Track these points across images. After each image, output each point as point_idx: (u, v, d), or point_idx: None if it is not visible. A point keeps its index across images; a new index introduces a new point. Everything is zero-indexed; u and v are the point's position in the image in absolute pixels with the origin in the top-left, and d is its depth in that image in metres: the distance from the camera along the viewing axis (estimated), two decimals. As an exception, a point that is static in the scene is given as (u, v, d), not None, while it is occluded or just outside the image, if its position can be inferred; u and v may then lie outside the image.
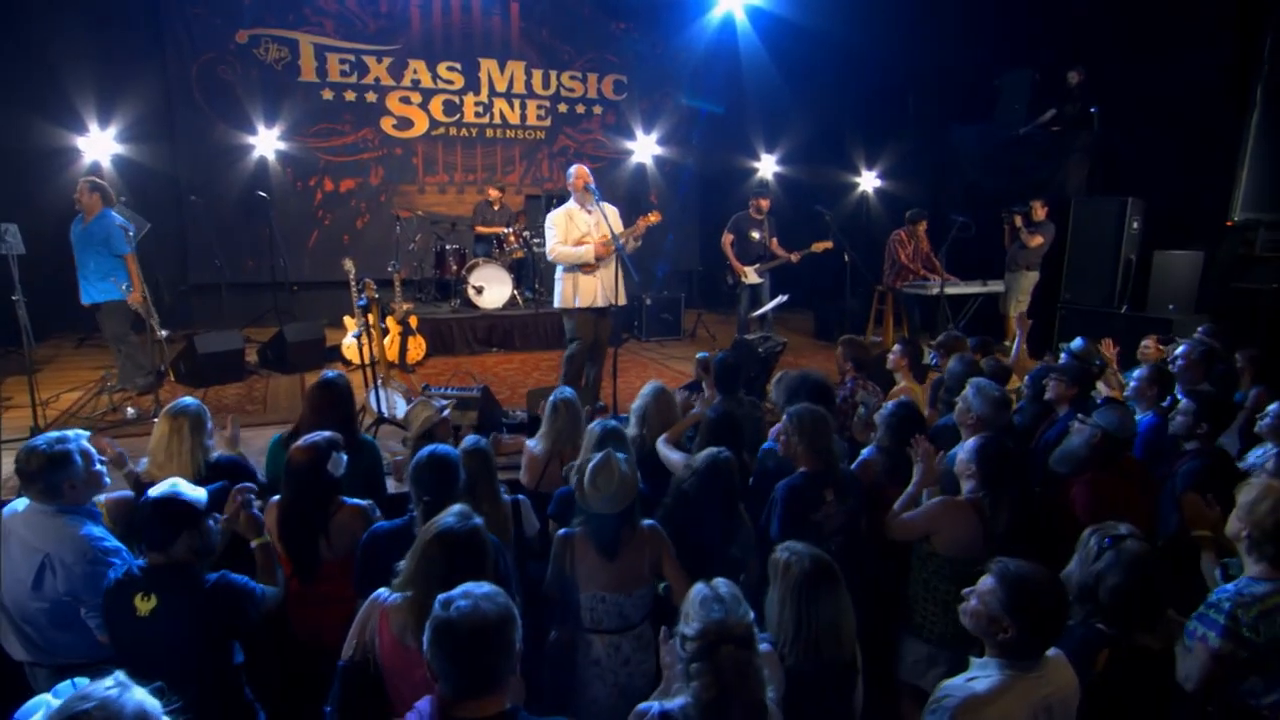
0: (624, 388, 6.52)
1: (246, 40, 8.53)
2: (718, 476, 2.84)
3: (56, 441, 2.55)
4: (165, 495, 2.24)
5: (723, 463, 2.84)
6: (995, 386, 3.33)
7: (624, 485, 2.64)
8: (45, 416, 5.16)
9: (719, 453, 2.88)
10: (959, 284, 7.50)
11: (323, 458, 2.83)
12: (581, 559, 2.68)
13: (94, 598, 2.39)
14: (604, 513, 2.64)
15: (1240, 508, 2.33)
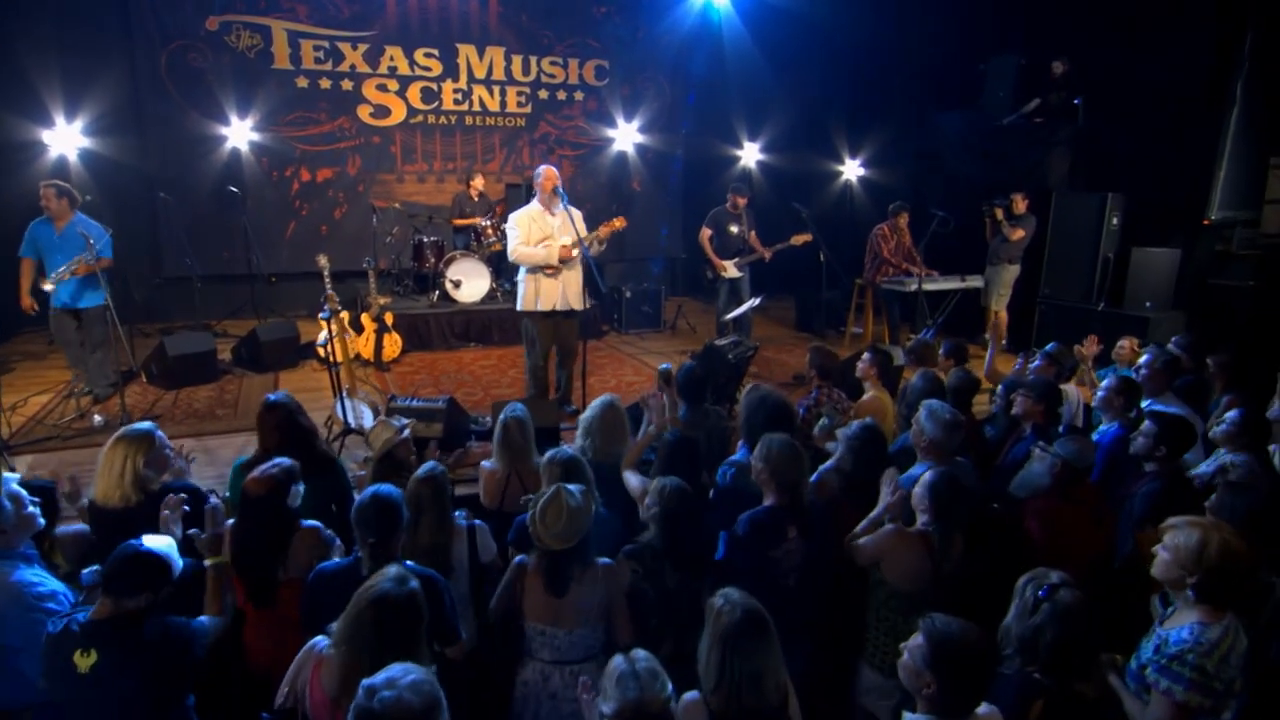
0: (599, 385, 6.54)
1: (217, 27, 8.34)
2: (677, 522, 2.82)
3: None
4: (132, 554, 2.20)
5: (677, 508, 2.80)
6: (947, 409, 3.32)
7: (573, 521, 2.62)
8: (10, 424, 5.13)
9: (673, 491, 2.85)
10: (938, 280, 7.48)
11: (281, 490, 2.82)
12: (530, 589, 2.68)
13: (29, 646, 2.36)
14: (554, 549, 2.64)
15: (1181, 552, 2.31)
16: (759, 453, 3.00)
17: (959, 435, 3.30)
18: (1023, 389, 3.96)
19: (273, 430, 3.29)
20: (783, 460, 2.90)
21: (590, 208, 10.39)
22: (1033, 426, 3.77)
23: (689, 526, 2.86)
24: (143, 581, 2.20)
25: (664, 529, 2.83)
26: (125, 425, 4.93)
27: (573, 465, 3.01)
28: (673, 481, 2.91)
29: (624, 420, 3.78)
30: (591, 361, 7.22)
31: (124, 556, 2.20)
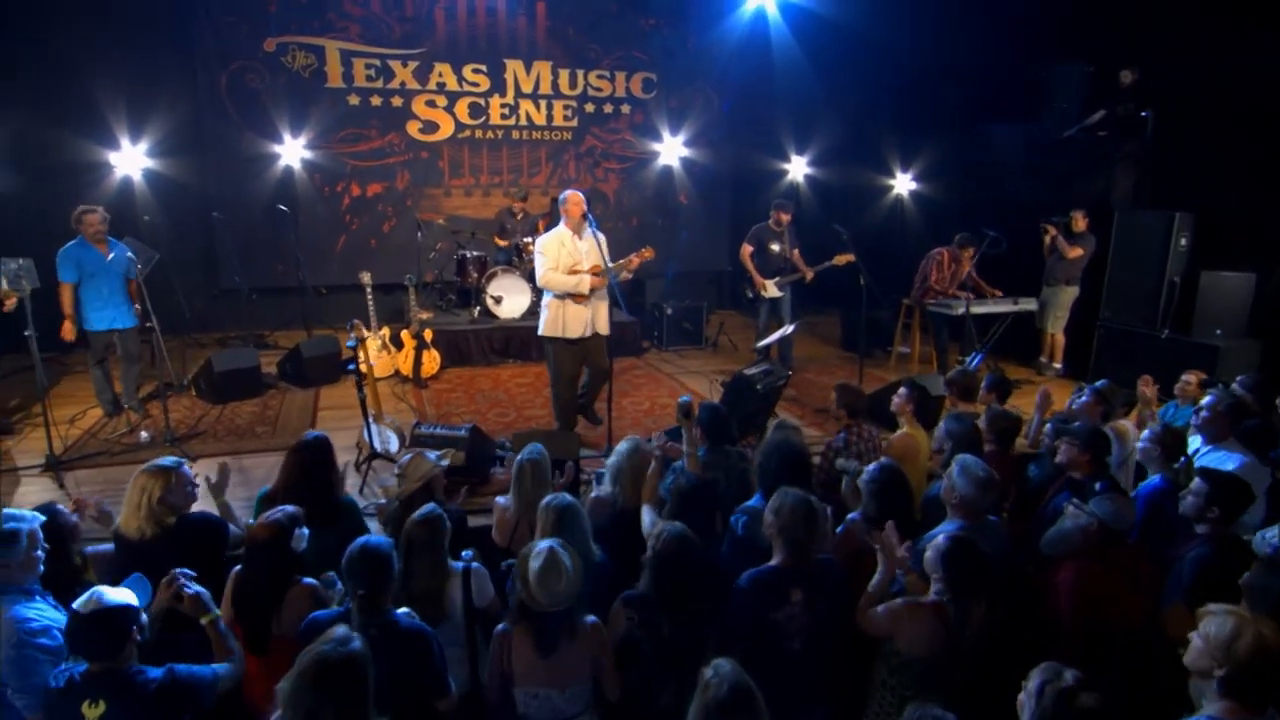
0: (631, 408, 6.50)
1: (274, 48, 8.60)
2: (671, 570, 2.74)
3: (9, 519, 2.60)
4: (93, 612, 2.22)
5: (673, 556, 2.72)
6: (982, 466, 3.14)
7: (570, 585, 2.58)
8: (65, 437, 5.37)
9: (668, 539, 2.77)
10: (986, 302, 7.18)
11: (285, 536, 2.85)
12: (518, 655, 2.63)
13: (17, 679, 2.42)
14: (546, 611, 2.59)
15: (1212, 641, 2.13)
16: (770, 505, 2.89)
17: (992, 494, 3.12)
18: (1068, 436, 3.73)
19: (296, 468, 3.33)
20: (793, 518, 2.78)
21: (636, 222, 10.52)
22: (1069, 482, 3.54)
23: (686, 575, 2.77)
24: (105, 640, 2.23)
25: (655, 577, 2.77)
26: (168, 439, 5.17)
27: (568, 514, 2.96)
28: (673, 528, 2.84)
29: (649, 463, 3.71)
30: (628, 381, 7.24)
31: (79, 620, 2.22)
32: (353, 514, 3.44)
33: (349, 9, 8.80)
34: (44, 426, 4.82)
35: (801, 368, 7.78)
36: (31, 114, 7.17)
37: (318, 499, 3.23)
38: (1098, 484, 3.19)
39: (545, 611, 2.57)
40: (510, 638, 2.64)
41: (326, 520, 3.23)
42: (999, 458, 4.06)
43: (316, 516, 3.20)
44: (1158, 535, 3.49)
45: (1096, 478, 3.52)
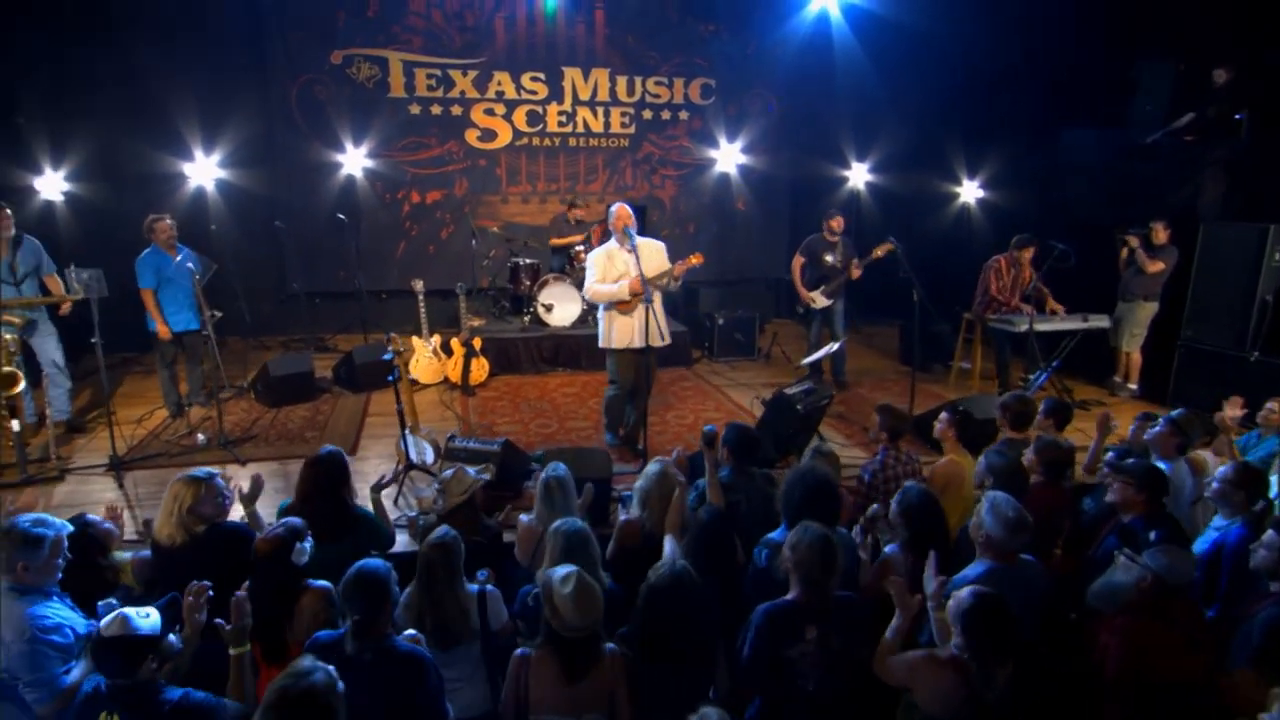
0: (675, 422, 6.41)
1: (340, 60, 8.86)
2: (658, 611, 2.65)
3: (38, 524, 2.71)
4: (116, 636, 2.27)
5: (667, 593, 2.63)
6: (1013, 505, 2.93)
7: (600, 610, 2.58)
8: (130, 438, 5.64)
9: (668, 575, 2.68)
10: (1052, 320, 6.78)
11: (285, 550, 2.89)
12: (538, 681, 2.59)
13: (27, 673, 2.51)
14: (574, 637, 2.55)
15: None
16: (789, 539, 2.78)
17: (1023, 537, 2.91)
18: (1123, 474, 3.45)
19: (310, 483, 3.39)
20: (810, 555, 2.66)
21: (693, 229, 10.40)
22: (1118, 530, 3.26)
23: (677, 617, 2.68)
24: (121, 661, 2.27)
25: (643, 616, 2.69)
26: (222, 442, 5.36)
27: (577, 540, 2.91)
28: (674, 567, 2.75)
29: (679, 485, 3.63)
30: (674, 394, 7.15)
31: (103, 642, 2.28)
32: (367, 528, 3.46)
33: (412, 21, 9.00)
34: (108, 428, 5.06)
35: (855, 382, 7.54)
36: (113, 127, 7.60)
37: (331, 513, 3.28)
38: (1153, 532, 2.92)
39: (574, 638, 2.53)
40: (530, 663, 2.61)
41: (340, 534, 3.26)
42: (1049, 490, 3.82)
43: (330, 530, 3.24)
44: (1233, 589, 3.19)
45: (1152, 521, 3.24)
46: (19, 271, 5.52)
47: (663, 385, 7.41)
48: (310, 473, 3.40)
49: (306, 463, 3.47)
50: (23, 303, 5.51)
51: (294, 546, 2.91)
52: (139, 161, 7.75)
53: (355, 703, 2.51)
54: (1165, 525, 3.25)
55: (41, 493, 4.77)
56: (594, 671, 2.56)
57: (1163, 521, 3.30)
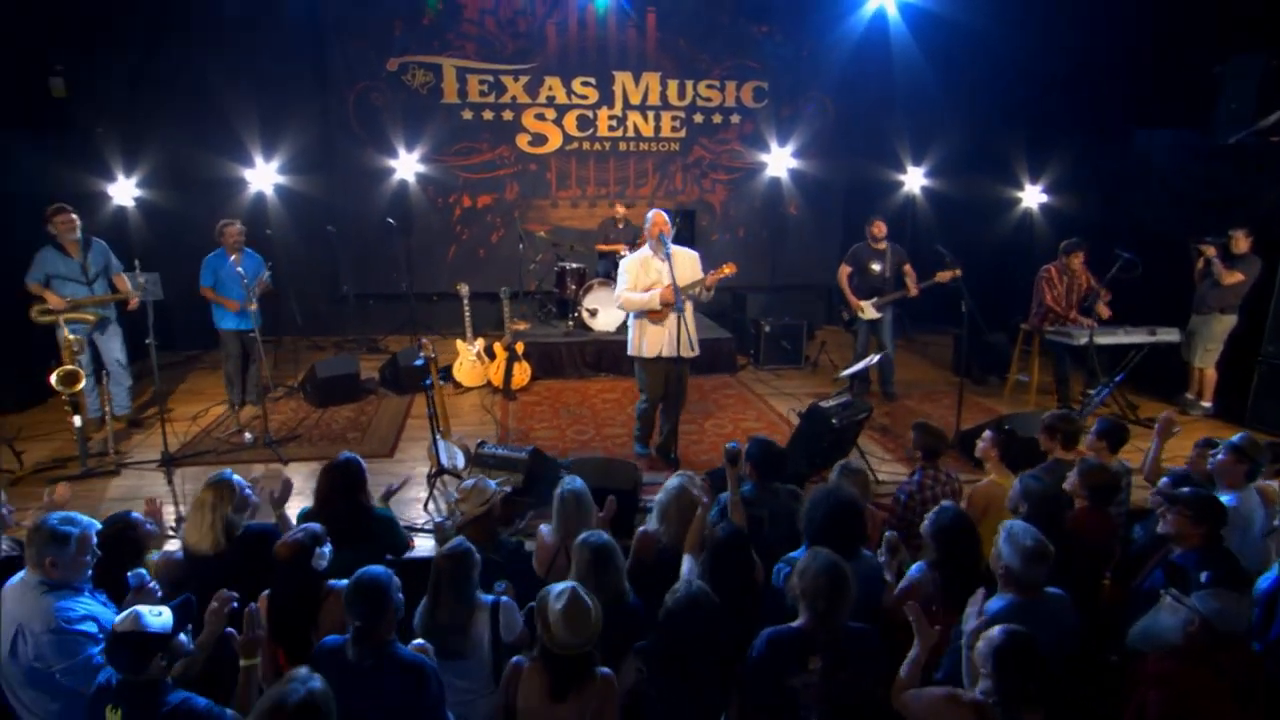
0: (714, 431, 6.31)
1: (396, 68, 9.07)
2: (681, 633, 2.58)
3: (66, 521, 2.80)
4: (127, 631, 2.33)
5: (685, 614, 2.56)
6: (1031, 534, 2.75)
7: (592, 629, 2.52)
8: (185, 434, 5.88)
9: (686, 596, 2.61)
10: (1116, 332, 6.40)
11: (306, 555, 2.93)
12: (526, 693, 2.57)
13: (61, 660, 2.60)
14: (564, 654, 2.51)
15: None
16: (799, 565, 2.68)
17: (1042, 569, 2.72)
18: (1179, 504, 3.20)
19: (327, 488, 3.43)
20: (816, 583, 2.56)
21: (744, 233, 10.27)
22: (1165, 565, 3.03)
23: (695, 638, 2.61)
24: (130, 657, 2.32)
25: (662, 634, 2.62)
26: (267, 442, 5.52)
27: (603, 554, 2.87)
28: (691, 589, 2.67)
29: (696, 503, 3.56)
30: (715, 401, 7.05)
31: (114, 637, 2.33)
32: (387, 531, 3.48)
33: (466, 28, 9.14)
34: (160, 426, 5.28)
35: (904, 393, 7.29)
36: (181, 136, 7.96)
37: (348, 517, 3.32)
38: (1204, 573, 2.69)
39: (563, 655, 2.50)
40: (522, 673, 2.59)
41: (358, 537, 3.30)
42: (1094, 517, 3.59)
43: (347, 534, 3.28)
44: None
45: (1208, 556, 3.00)
46: (90, 271, 5.82)
47: (704, 392, 7.32)
48: (327, 478, 3.45)
49: (324, 469, 3.51)
50: (97, 300, 5.80)
51: (314, 551, 2.95)
52: (204, 168, 8.09)
53: (356, 709, 2.54)
54: (1221, 563, 3.00)
55: (88, 486, 4.97)
56: (581, 691, 2.51)
57: (1219, 558, 3.05)
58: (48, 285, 5.65)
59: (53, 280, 5.66)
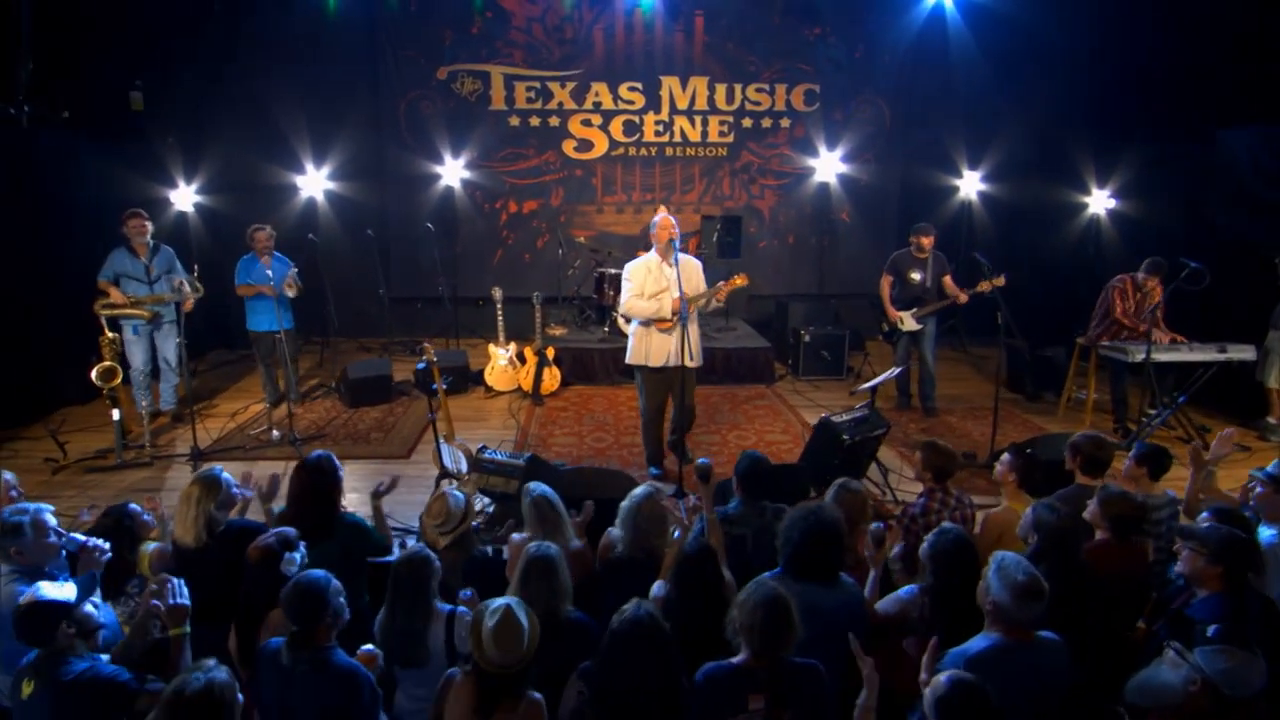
0: (736, 441, 6.16)
1: (445, 76, 9.25)
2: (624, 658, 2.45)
3: (16, 512, 2.92)
4: (24, 605, 2.40)
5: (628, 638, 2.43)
6: (1024, 568, 2.49)
7: (525, 649, 2.42)
8: (220, 430, 6.11)
9: (631, 620, 2.48)
10: (1181, 349, 5.88)
11: (274, 559, 2.94)
12: (452, 705, 2.51)
13: None
14: (494, 670, 2.43)
15: None
16: (739, 595, 2.51)
17: (1034, 608, 2.46)
18: (1192, 540, 2.87)
19: (298, 485, 3.45)
20: (754, 616, 2.40)
21: (793, 240, 10.01)
22: (1170, 615, 2.70)
23: (638, 664, 2.47)
24: (37, 630, 2.38)
25: (605, 658, 2.49)
26: (291, 440, 5.66)
27: (536, 567, 2.78)
28: (636, 612, 2.54)
29: (664, 515, 3.44)
30: (744, 412, 6.86)
31: (17, 612, 2.40)
32: (355, 534, 3.47)
33: (514, 36, 9.24)
34: (191, 423, 5.51)
35: (948, 409, 6.93)
36: (237, 144, 8.34)
37: (318, 516, 3.33)
38: (1211, 627, 2.37)
39: (492, 672, 2.42)
40: (453, 685, 2.53)
41: (325, 536, 3.30)
42: (1116, 552, 3.27)
43: (318, 530, 3.30)
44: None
45: (1229, 603, 2.67)
46: (153, 273, 6.14)
47: (736, 402, 7.15)
48: (299, 477, 3.46)
49: (296, 468, 3.53)
50: (154, 299, 6.11)
51: (283, 556, 2.96)
52: (259, 174, 8.44)
53: (288, 711, 2.54)
54: (1244, 611, 2.66)
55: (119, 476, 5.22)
56: (506, 712, 2.41)
57: (1244, 605, 2.71)
58: (116, 283, 6.01)
59: (121, 279, 6.02)
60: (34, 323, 6.32)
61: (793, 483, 4.22)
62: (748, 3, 9.33)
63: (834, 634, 2.84)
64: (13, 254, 6.19)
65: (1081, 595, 3.00)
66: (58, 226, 6.59)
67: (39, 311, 6.34)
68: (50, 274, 6.41)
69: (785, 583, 2.96)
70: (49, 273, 6.41)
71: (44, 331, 6.39)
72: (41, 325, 6.37)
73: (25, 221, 6.32)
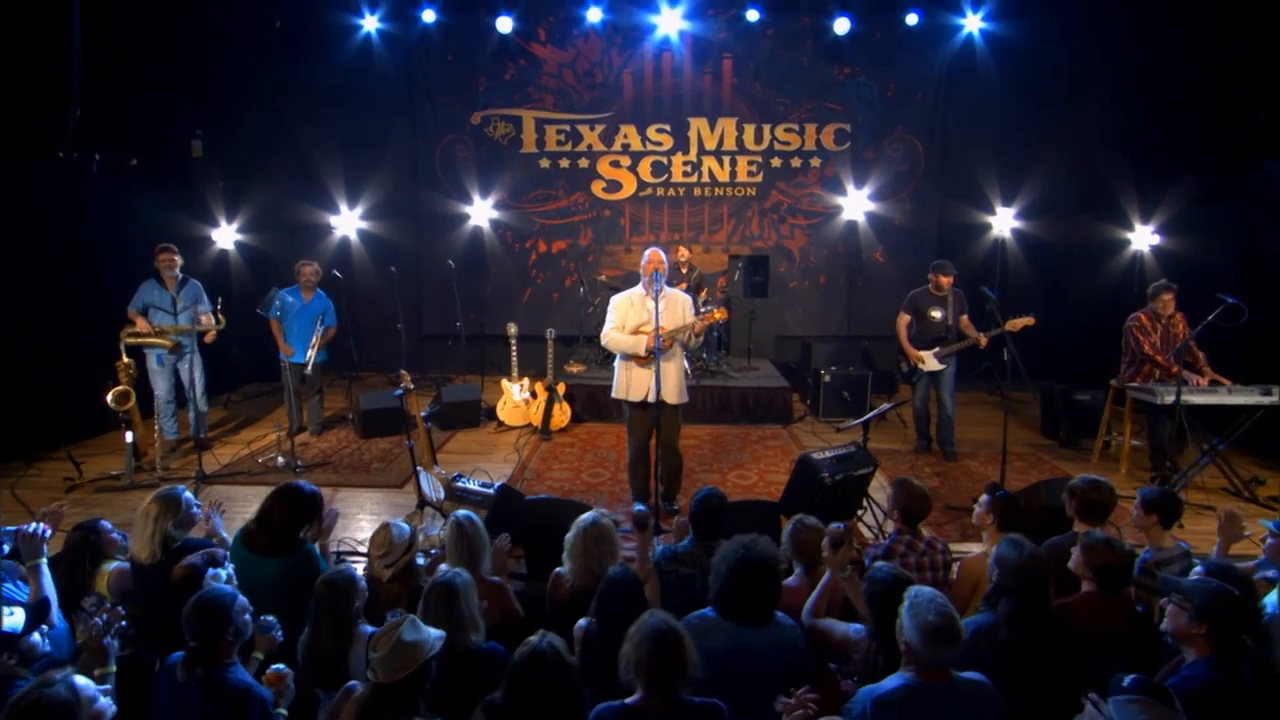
0: (738, 481, 5.95)
1: (480, 121, 9.56)
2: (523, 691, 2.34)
3: None
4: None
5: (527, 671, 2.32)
6: (936, 607, 2.27)
7: (398, 658, 2.35)
8: (234, 456, 6.29)
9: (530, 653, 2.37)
10: (1219, 392, 5.42)
11: (198, 577, 2.96)
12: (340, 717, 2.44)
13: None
14: (381, 681, 2.36)
15: None
16: (631, 629, 2.36)
17: (947, 650, 2.24)
18: (1177, 593, 2.57)
19: (268, 505, 3.46)
20: (640, 651, 2.25)
21: (825, 280, 9.81)
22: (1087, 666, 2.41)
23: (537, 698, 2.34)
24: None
25: (506, 691, 2.37)
26: (294, 466, 5.76)
27: (440, 594, 2.70)
28: (537, 645, 2.42)
29: (613, 539, 3.30)
30: (753, 452, 6.67)
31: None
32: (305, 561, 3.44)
33: (545, 81, 9.50)
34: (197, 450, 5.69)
35: (971, 453, 6.56)
36: (280, 185, 8.78)
37: (279, 536, 3.34)
38: (1129, 676, 2.09)
39: (381, 685, 2.36)
40: (350, 697, 2.49)
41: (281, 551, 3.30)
42: (1103, 605, 2.97)
43: (272, 549, 3.31)
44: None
45: (1218, 673, 2.36)
46: (179, 305, 6.42)
47: (747, 442, 6.95)
48: (273, 498, 3.47)
49: (274, 491, 3.54)
50: (178, 330, 6.39)
51: (206, 573, 2.97)
52: (297, 214, 8.87)
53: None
54: (1237, 684, 2.35)
55: (123, 497, 5.39)
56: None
57: (1236, 677, 2.39)
58: (145, 313, 6.31)
59: (149, 309, 6.32)
60: (79, 351, 6.61)
61: (765, 522, 4.01)
62: (776, 45, 9.36)
63: (767, 677, 2.66)
64: (62, 286, 6.61)
65: (1049, 644, 2.73)
66: (105, 261, 6.99)
67: (81, 340, 6.66)
68: (94, 306, 6.75)
69: (716, 623, 2.81)
70: (92, 304, 6.76)
71: (90, 360, 6.66)
72: (85, 354, 6.67)
73: (77, 256, 6.76)
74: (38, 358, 6.38)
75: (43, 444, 6.31)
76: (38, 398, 6.37)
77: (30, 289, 6.38)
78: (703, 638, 2.68)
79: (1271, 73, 6.42)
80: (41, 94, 6.45)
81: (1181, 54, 7.07)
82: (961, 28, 8.68)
